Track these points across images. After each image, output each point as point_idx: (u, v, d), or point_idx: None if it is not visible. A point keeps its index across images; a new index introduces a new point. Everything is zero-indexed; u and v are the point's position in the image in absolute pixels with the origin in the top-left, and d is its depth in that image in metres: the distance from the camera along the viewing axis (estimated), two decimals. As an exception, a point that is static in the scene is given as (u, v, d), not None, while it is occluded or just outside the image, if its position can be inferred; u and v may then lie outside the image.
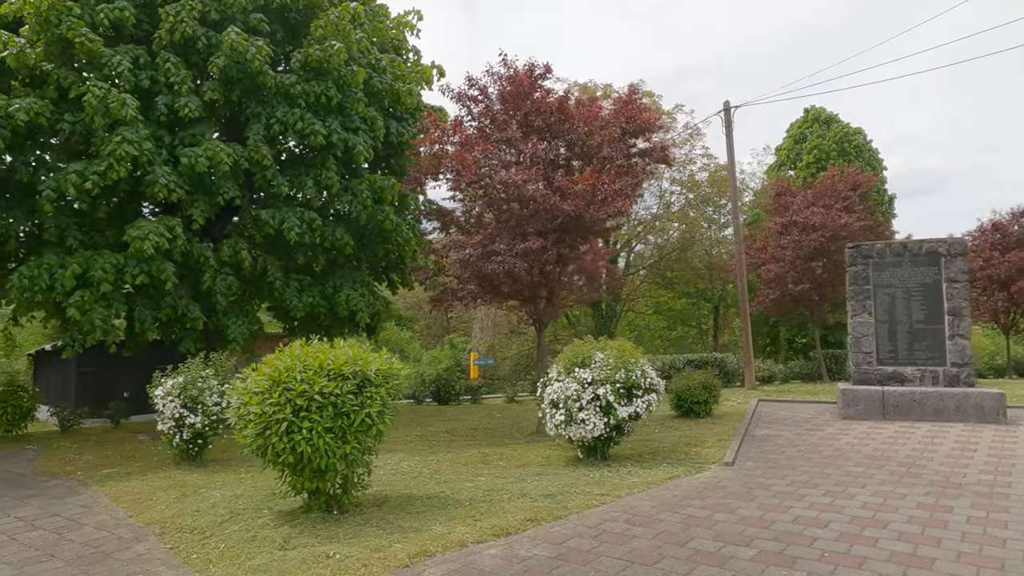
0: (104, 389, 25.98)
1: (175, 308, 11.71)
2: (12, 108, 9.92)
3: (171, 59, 11.27)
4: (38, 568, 5.09)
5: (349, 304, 13.27)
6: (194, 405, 8.76)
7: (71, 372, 26.07)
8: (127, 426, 15.22)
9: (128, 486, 7.97)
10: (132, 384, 26.95)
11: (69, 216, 11.34)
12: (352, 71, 12.61)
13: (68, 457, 10.46)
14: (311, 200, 12.74)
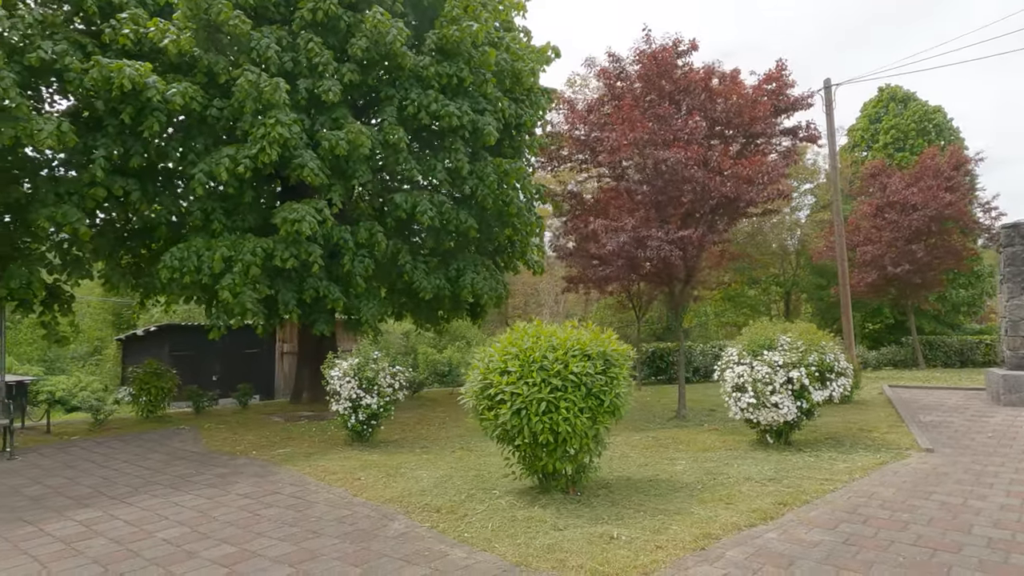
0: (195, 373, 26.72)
1: (316, 290, 11.82)
2: (169, 93, 10.05)
3: (313, 40, 11.29)
4: (316, 544, 5.13)
5: (474, 288, 13.25)
6: (370, 386, 8.82)
7: (164, 356, 26.88)
8: (252, 408, 15.41)
9: (320, 465, 8.06)
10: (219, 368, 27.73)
11: (215, 200, 11.51)
12: (483, 52, 12.49)
13: (227, 437, 10.66)
14: (440, 183, 12.70)
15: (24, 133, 9.60)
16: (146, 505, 6.51)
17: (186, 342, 27.31)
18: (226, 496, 6.77)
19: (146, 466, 8.48)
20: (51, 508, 6.53)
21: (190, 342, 27.18)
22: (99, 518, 6.12)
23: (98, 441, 10.57)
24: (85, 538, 5.51)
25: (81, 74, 10.17)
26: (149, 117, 10.28)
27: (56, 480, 7.82)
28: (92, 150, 10.45)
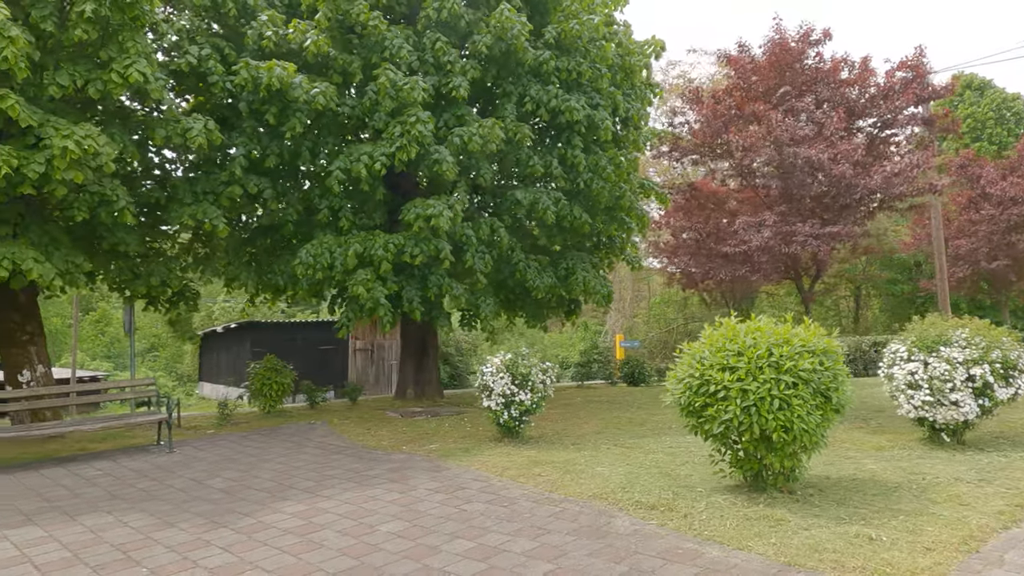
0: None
1: (440, 287, 11.88)
2: (313, 92, 10.19)
3: (440, 38, 11.34)
4: (554, 540, 5.11)
5: (586, 285, 13.19)
6: (523, 383, 8.81)
7: (245, 352, 27.47)
8: (360, 404, 15.52)
9: (485, 461, 8.08)
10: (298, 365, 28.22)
11: (342, 198, 11.66)
12: (600, 46, 12.41)
13: (362, 433, 10.78)
14: (556, 178, 12.64)
15: (175, 133, 9.85)
16: (344, 499, 6.58)
17: (266, 339, 27.87)
18: (415, 491, 6.80)
19: (309, 460, 8.60)
20: (250, 500, 6.65)
21: (269, 339, 27.74)
22: (306, 511, 6.20)
23: (240, 435, 10.80)
24: (310, 531, 5.58)
25: (223, 76, 10.40)
26: (292, 118, 10.47)
27: (231, 472, 7.98)
28: (229, 150, 10.68)
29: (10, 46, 7.76)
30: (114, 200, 9.50)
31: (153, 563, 4.93)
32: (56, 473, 8.22)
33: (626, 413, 12.34)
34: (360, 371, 28.13)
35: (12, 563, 5.03)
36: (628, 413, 12.36)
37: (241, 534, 5.55)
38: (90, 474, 8.12)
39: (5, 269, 8.50)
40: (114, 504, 6.65)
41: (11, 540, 5.57)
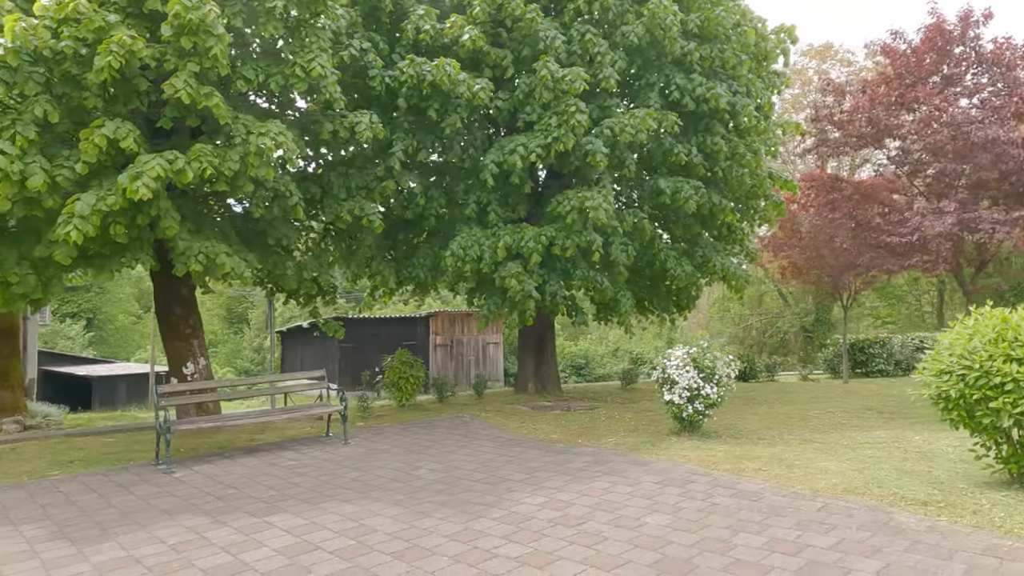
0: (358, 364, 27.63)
1: (585, 280, 11.80)
2: (476, 88, 10.20)
3: (589, 30, 11.25)
4: (857, 536, 4.97)
5: (725, 272, 13.00)
6: (709, 376, 8.68)
7: (332, 349, 27.90)
8: (485, 398, 15.48)
9: (683, 454, 7.96)
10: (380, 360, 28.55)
11: (490, 192, 11.67)
12: (742, 32, 12.17)
13: (518, 427, 10.77)
14: (695, 167, 12.42)
15: (342, 128, 9.96)
16: (576, 491, 6.54)
17: (352, 334, 28.27)
18: (642, 485, 6.72)
19: (495, 452, 8.61)
20: (476, 491, 6.64)
21: (355, 335, 28.12)
22: (549, 502, 6.17)
23: (399, 427, 10.89)
24: (576, 522, 5.54)
25: (382, 71, 10.48)
26: (452, 113, 10.50)
27: (429, 463, 8.02)
28: (389, 145, 10.77)
29: (218, 43, 7.92)
30: (287, 196, 9.65)
31: (448, 552, 4.94)
32: (255, 463, 8.38)
33: (772, 408, 12.12)
34: (440, 366, 28.37)
35: (304, 549, 5.09)
36: (774, 408, 12.14)
37: (508, 524, 5.54)
38: (287, 464, 8.27)
39: (199, 263, 8.69)
40: (344, 494, 6.73)
41: (279, 526, 5.66)
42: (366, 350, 28.34)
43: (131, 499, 6.80)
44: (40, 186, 7.63)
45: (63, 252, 8.05)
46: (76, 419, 17.14)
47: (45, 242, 8.38)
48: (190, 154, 8.08)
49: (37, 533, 5.74)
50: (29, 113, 7.74)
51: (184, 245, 8.74)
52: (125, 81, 8.25)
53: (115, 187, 7.81)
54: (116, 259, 8.69)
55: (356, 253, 11.73)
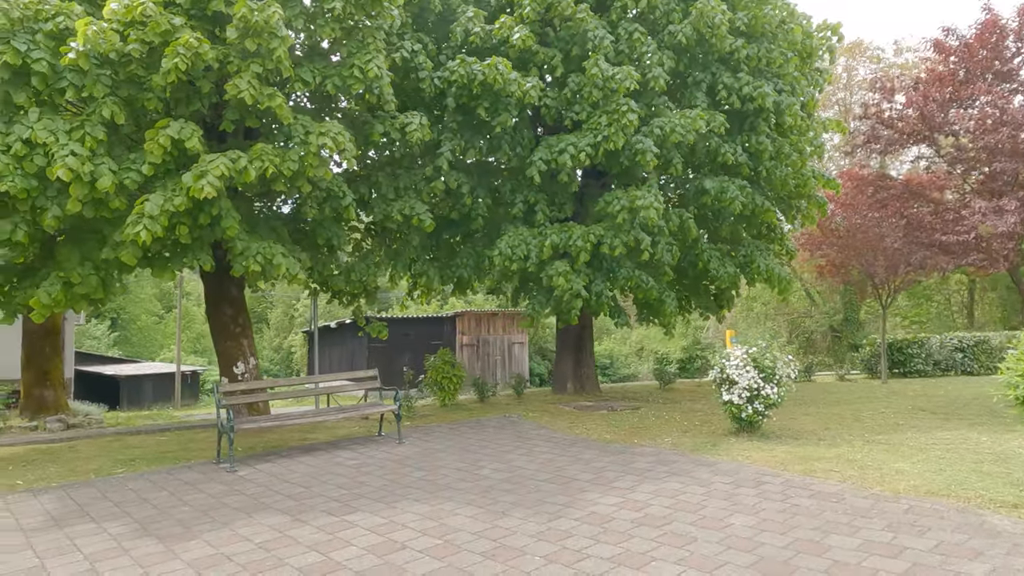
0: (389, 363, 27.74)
1: (629, 279, 11.77)
2: (527, 87, 10.21)
3: (637, 29, 11.22)
4: (956, 539, 4.90)
5: (769, 273, 12.90)
6: (770, 376, 8.61)
7: (360, 348, 28.02)
8: (525, 397, 15.46)
9: (747, 455, 7.91)
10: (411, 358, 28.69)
11: (537, 191, 11.66)
12: (789, 30, 12.07)
13: (565, 424, 10.77)
14: (740, 166, 12.34)
15: (393, 129, 10.00)
16: (648, 490, 6.51)
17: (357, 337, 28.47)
18: (714, 486, 6.67)
19: (553, 452, 8.59)
20: (548, 491, 6.63)
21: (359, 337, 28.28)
22: (623, 503, 6.15)
23: (448, 426, 10.91)
24: (660, 523, 5.52)
25: (431, 72, 10.51)
26: (503, 112, 10.51)
27: (491, 463, 8.02)
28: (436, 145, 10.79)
29: (282, 45, 7.98)
30: (341, 196, 9.69)
31: (539, 552, 4.93)
32: (315, 462, 8.43)
33: (822, 409, 12.00)
34: (467, 365, 28.44)
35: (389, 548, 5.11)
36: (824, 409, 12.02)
37: (591, 524, 5.53)
38: (350, 463, 8.30)
39: (258, 263, 8.75)
40: (415, 493, 6.74)
41: (360, 525, 5.68)
42: (394, 350, 28.45)
43: (203, 497, 6.86)
44: (109, 187, 7.72)
45: (129, 253, 8.14)
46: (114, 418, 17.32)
47: (111, 243, 8.49)
48: (251, 153, 8.14)
49: (122, 530, 5.81)
50: (97, 115, 7.85)
51: (242, 245, 8.81)
52: (188, 83, 8.32)
53: (180, 187, 7.89)
54: (178, 259, 8.77)
55: (402, 253, 11.76)
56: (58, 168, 7.35)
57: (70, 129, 7.68)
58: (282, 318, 70.25)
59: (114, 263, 8.72)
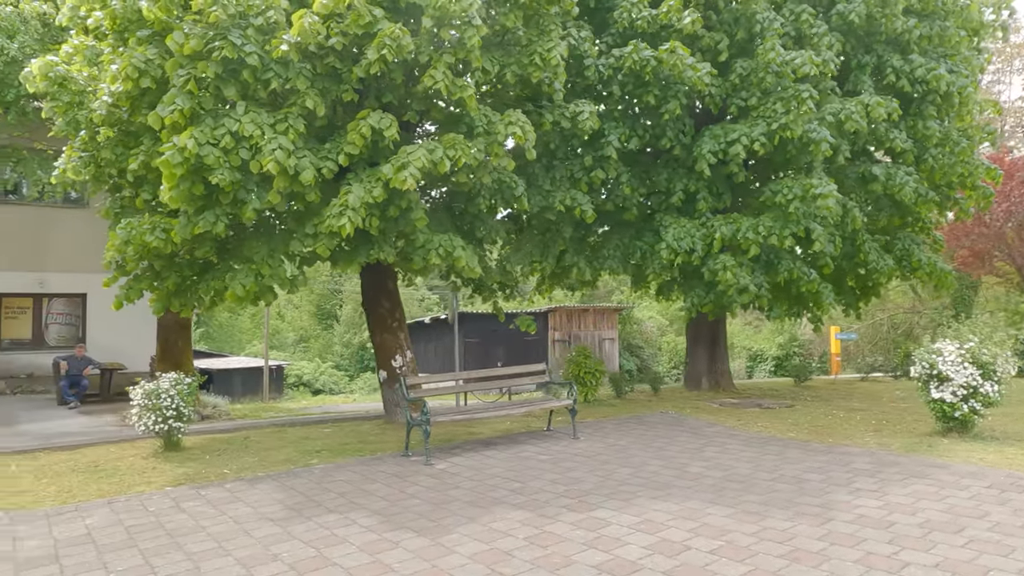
0: (484, 358, 27.78)
1: (791, 272, 11.29)
2: (702, 72, 9.85)
3: (806, 9, 10.73)
4: None
5: (931, 267, 12.21)
6: (988, 372, 8.06)
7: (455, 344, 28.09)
8: (663, 394, 15.04)
9: (975, 457, 7.41)
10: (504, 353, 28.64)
11: (698, 180, 11.30)
12: (964, 6, 11.36)
13: (737, 422, 10.41)
14: (904, 153, 11.67)
15: (563, 118, 9.79)
16: (902, 493, 6.11)
17: (476, 329, 28.54)
18: (971, 490, 6.21)
19: (749, 450, 8.25)
20: (783, 492, 6.31)
21: (479, 329, 28.36)
22: (883, 506, 5.78)
23: (614, 423, 10.68)
24: (958, 528, 5.13)
25: (596, 60, 10.27)
26: (672, 99, 10.21)
27: (696, 463, 7.75)
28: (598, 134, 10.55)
29: (476, 34, 7.86)
30: (513, 186, 9.55)
31: (848, 557, 4.62)
32: (505, 456, 8.30)
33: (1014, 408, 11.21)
34: (559, 361, 28.28)
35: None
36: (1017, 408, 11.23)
37: (877, 529, 5.18)
38: (543, 458, 8.14)
39: (439, 256, 8.68)
40: (642, 491, 6.51)
41: (618, 523, 5.47)
42: (488, 345, 28.52)
43: (421, 490, 6.78)
44: (311, 180, 7.76)
45: (324, 244, 8.18)
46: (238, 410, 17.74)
47: (299, 236, 8.56)
48: (444, 143, 8.04)
49: (371, 522, 5.75)
50: (298, 107, 7.89)
51: (424, 238, 8.75)
52: (383, 75, 8.28)
53: (379, 178, 7.86)
54: (363, 252, 8.78)
55: (551, 245, 11.56)
56: (267, 161, 7.42)
57: (274, 122, 7.75)
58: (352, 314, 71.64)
59: (300, 255, 8.81)
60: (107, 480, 7.57)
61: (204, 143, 7.37)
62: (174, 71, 7.61)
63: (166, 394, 8.68)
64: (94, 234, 17.51)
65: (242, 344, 62.19)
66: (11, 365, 17.43)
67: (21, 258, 16.99)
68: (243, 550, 5.14)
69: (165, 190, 7.63)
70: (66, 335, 18.05)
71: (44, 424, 12.78)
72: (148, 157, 8.56)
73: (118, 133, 9.28)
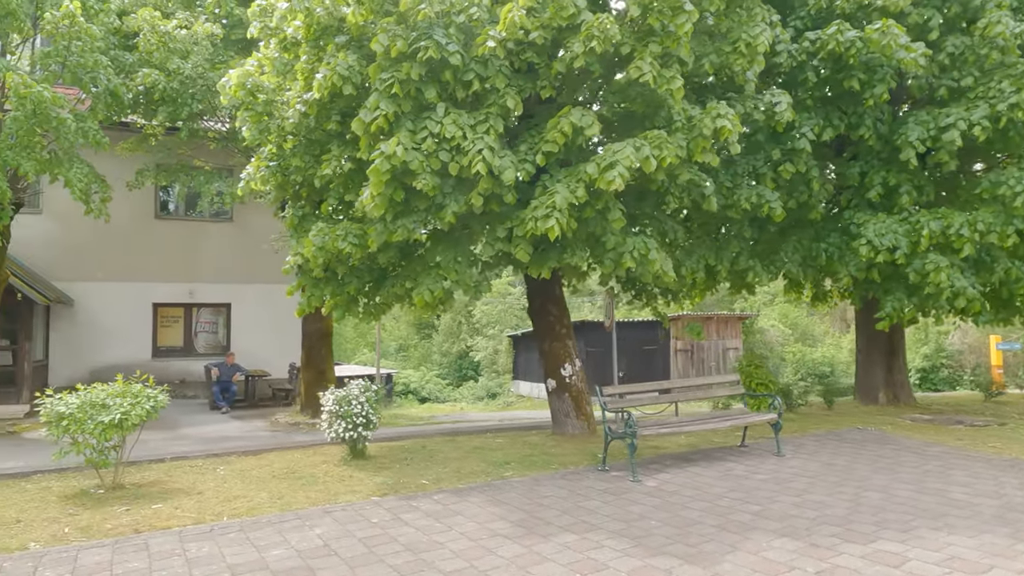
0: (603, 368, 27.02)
1: (1008, 272, 10.06)
2: (917, 53, 8.89)
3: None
4: None
5: None
6: None
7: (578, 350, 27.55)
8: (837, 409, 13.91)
9: None
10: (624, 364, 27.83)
11: (898, 172, 10.30)
12: None
13: (959, 443, 9.33)
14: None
15: (756, 110, 9.10)
16: None
17: (593, 338, 27.99)
18: None
19: (1013, 477, 7.26)
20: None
21: (596, 338, 27.77)
22: None
23: (814, 440, 9.84)
24: None
25: (788, 45, 9.53)
26: (879, 83, 9.33)
27: (957, 488, 6.85)
28: (789, 126, 9.78)
29: (688, 21, 7.35)
30: (703, 186, 8.94)
31: None
32: (713, 473, 7.68)
33: None
34: (681, 372, 27.24)
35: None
36: None
37: None
38: (759, 477, 7.47)
39: (633, 260, 8.16)
40: (915, 520, 5.73)
41: (918, 559, 4.74)
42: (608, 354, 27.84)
43: (647, 510, 6.29)
44: (512, 180, 7.47)
45: (523, 248, 7.87)
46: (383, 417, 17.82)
47: (490, 239, 8.31)
48: (650, 141, 7.55)
49: (624, 546, 5.28)
50: (496, 106, 7.63)
51: (615, 240, 8.27)
52: (580, 70, 7.91)
53: (579, 178, 7.46)
54: (555, 255, 8.41)
55: (725, 246, 10.83)
56: (475, 162, 7.18)
57: (474, 123, 7.52)
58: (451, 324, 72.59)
59: (488, 260, 8.56)
60: (311, 487, 7.51)
61: (409, 148, 7.22)
62: (377, 75, 7.52)
63: (356, 401, 8.61)
64: (238, 247, 18.28)
65: (347, 353, 64.16)
66: (166, 371, 18.33)
67: (174, 270, 17.91)
68: (501, 572, 4.79)
69: (368, 197, 7.54)
70: (212, 343, 18.87)
71: (202, 428, 13.28)
72: (339, 164, 8.57)
73: (304, 142, 9.40)
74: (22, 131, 10.71)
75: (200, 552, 5.39)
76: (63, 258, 16.58)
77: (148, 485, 7.70)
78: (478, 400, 39.57)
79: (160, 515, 6.49)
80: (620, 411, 7.92)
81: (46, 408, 7.16)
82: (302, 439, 11.24)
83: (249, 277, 18.24)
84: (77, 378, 16.51)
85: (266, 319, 18.37)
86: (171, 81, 12.53)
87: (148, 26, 12.47)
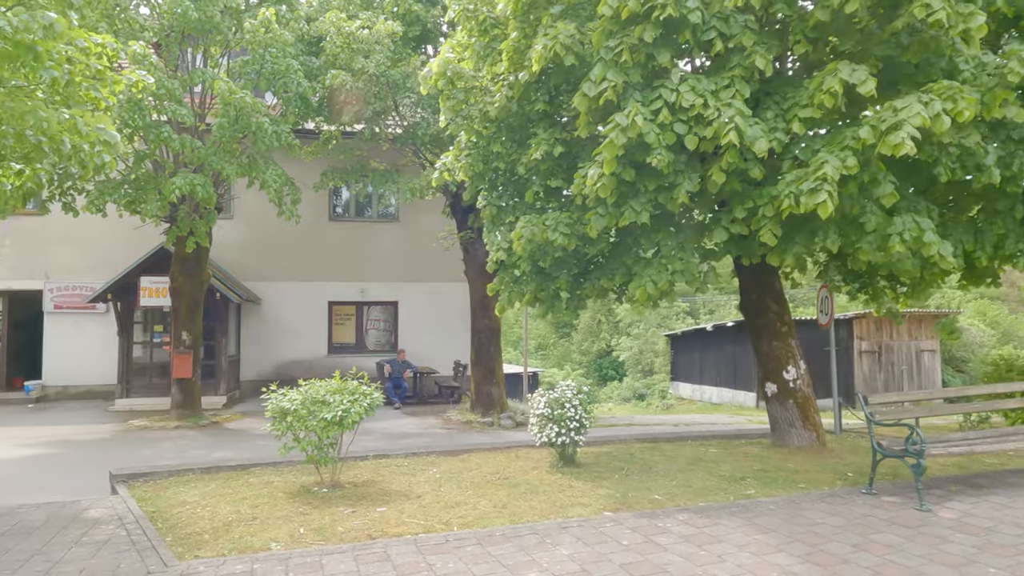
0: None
1: None
2: None
3: None
4: None
5: None
6: None
7: (744, 354, 25.52)
8: None
9: None
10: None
11: None
12: None
13: None
14: None
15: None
16: None
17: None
18: None
19: None
20: None
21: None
22: None
23: None
24: None
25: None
26: None
27: None
28: None
29: None
30: (981, 156, 7.30)
31: None
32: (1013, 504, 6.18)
33: None
34: (867, 376, 24.52)
35: None
36: None
37: None
38: None
39: (903, 244, 6.75)
40: None
41: None
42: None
43: (976, 552, 5.00)
44: (763, 151, 6.40)
45: (770, 229, 6.78)
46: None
47: (725, 221, 7.29)
48: (938, 94, 6.14)
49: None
50: (741, 68, 6.60)
51: (876, 220, 6.93)
52: (843, 16, 6.67)
53: (845, 145, 6.24)
54: (802, 240, 7.22)
55: (989, 229, 8.98)
56: (725, 131, 6.20)
57: (716, 89, 6.54)
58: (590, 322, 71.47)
59: (718, 247, 7.54)
60: (533, 497, 6.86)
61: (646, 118, 6.38)
62: (602, 43, 6.75)
63: (569, 404, 7.91)
64: (405, 246, 18.46)
65: (507, 351, 64.90)
66: (340, 367, 18.88)
67: (346, 269, 18.39)
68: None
69: (595, 175, 6.77)
70: (381, 340, 19.19)
71: (382, 423, 13.28)
72: (549, 147, 7.92)
73: (505, 127, 8.88)
74: (225, 137, 11.12)
75: (447, 568, 4.86)
76: (249, 259, 17.48)
77: (364, 485, 7.43)
78: (624, 401, 38.31)
79: (388, 520, 6.11)
80: (897, 423, 6.60)
81: (271, 404, 7.07)
82: (485, 439, 10.91)
83: (415, 275, 18.43)
84: (264, 372, 17.41)
85: (431, 317, 18.49)
86: (356, 80, 12.62)
87: (334, 28, 12.63)
